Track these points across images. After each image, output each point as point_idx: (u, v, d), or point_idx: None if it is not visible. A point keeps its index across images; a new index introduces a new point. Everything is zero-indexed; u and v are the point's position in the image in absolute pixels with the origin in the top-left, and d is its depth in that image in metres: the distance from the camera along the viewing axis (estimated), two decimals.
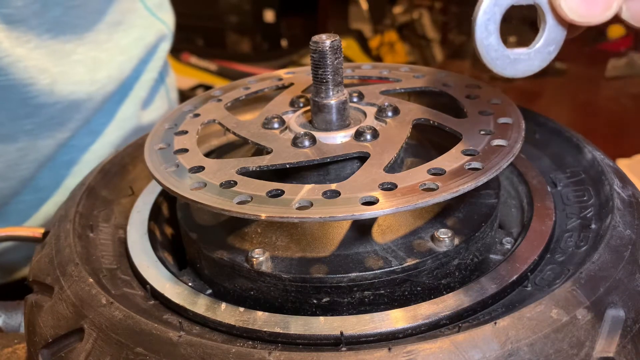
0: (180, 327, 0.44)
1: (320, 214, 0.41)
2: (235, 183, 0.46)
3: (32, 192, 0.86)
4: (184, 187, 0.46)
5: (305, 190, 0.44)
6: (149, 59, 0.97)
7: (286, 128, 0.54)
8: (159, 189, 0.61)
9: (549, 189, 0.56)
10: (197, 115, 0.59)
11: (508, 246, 0.52)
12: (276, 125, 0.54)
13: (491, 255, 0.51)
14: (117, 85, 0.90)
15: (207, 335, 0.44)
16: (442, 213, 0.51)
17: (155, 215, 0.59)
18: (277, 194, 0.44)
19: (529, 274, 0.47)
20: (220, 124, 0.57)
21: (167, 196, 0.62)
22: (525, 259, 0.48)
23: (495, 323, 0.38)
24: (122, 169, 0.65)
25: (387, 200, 0.42)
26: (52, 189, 0.89)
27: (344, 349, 0.41)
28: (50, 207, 0.89)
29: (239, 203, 0.43)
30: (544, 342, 0.38)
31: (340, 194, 0.43)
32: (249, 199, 0.44)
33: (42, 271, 0.50)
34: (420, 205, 0.42)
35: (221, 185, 0.46)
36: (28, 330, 0.49)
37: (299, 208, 0.42)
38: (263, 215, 0.42)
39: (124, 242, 0.55)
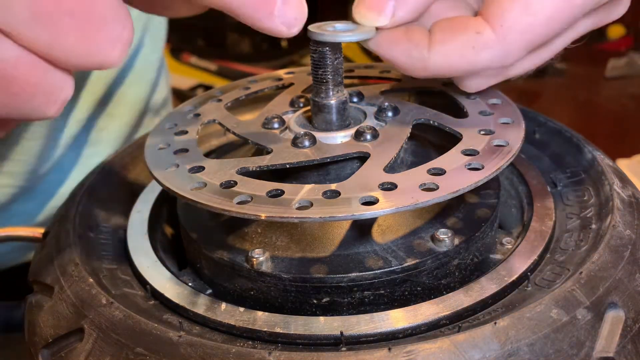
0: (181, 327, 0.44)
1: (320, 214, 0.41)
2: (235, 183, 0.46)
3: (57, 171, 0.89)
4: (184, 187, 0.46)
5: (305, 190, 0.44)
6: (145, 35, 0.98)
7: (286, 128, 0.54)
8: (159, 189, 0.61)
9: (549, 189, 0.56)
10: (197, 115, 0.59)
11: (508, 246, 0.52)
12: (276, 125, 0.54)
13: (491, 255, 0.51)
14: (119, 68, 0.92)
15: (207, 335, 0.44)
16: (442, 213, 0.51)
17: (155, 215, 0.59)
18: (277, 194, 0.44)
19: (529, 274, 0.47)
20: (220, 124, 0.57)
21: (167, 196, 0.62)
22: (525, 259, 0.48)
23: (495, 323, 0.38)
24: (122, 169, 0.65)
25: (387, 200, 0.42)
26: (73, 168, 0.91)
27: (344, 349, 0.41)
28: (70, 185, 0.91)
29: (239, 203, 0.43)
30: (544, 342, 0.38)
31: (340, 194, 0.43)
32: (249, 199, 0.44)
33: (42, 271, 0.50)
34: (420, 205, 0.42)
35: (221, 185, 0.46)
36: (28, 330, 0.49)
37: (299, 208, 0.42)
38: (263, 215, 0.42)
39: (124, 242, 0.55)
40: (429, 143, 0.57)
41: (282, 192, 0.44)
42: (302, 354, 0.38)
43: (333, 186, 0.44)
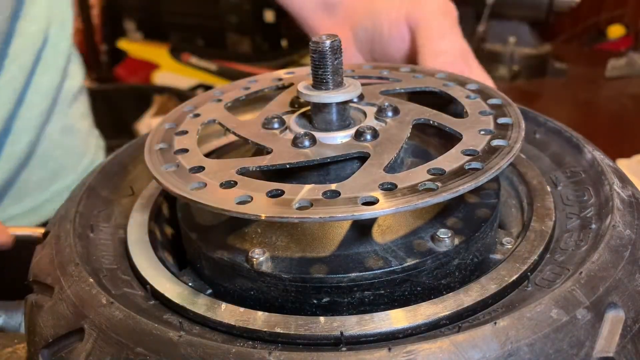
0: (181, 327, 0.44)
1: (320, 214, 0.41)
2: (236, 183, 0.46)
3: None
4: (184, 187, 0.46)
5: (305, 190, 0.44)
6: (50, 28, 1.04)
7: (286, 128, 0.54)
8: (159, 189, 0.61)
9: (549, 189, 0.56)
10: (197, 115, 0.59)
11: (508, 246, 0.52)
12: (276, 125, 0.54)
13: (491, 255, 0.51)
14: (33, 55, 0.99)
15: (207, 335, 0.44)
16: (442, 213, 0.51)
17: (155, 215, 0.59)
18: (277, 194, 0.44)
19: (529, 274, 0.47)
20: (220, 124, 0.57)
21: (167, 196, 0.62)
22: (525, 259, 0.48)
23: (495, 323, 0.38)
24: (122, 169, 0.65)
25: (387, 201, 0.42)
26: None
27: (344, 349, 0.41)
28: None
29: (239, 203, 0.43)
30: (544, 342, 0.38)
31: (340, 194, 0.43)
32: (249, 199, 0.44)
33: (42, 271, 0.50)
34: (420, 206, 0.42)
35: (221, 185, 0.46)
36: (28, 330, 0.49)
37: (299, 208, 0.42)
38: (263, 216, 0.42)
39: (124, 242, 0.55)
40: (429, 143, 0.57)
41: (282, 192, 0.44)
42: (302, 354, 0.38)
43: (333, 186, 0.44)
